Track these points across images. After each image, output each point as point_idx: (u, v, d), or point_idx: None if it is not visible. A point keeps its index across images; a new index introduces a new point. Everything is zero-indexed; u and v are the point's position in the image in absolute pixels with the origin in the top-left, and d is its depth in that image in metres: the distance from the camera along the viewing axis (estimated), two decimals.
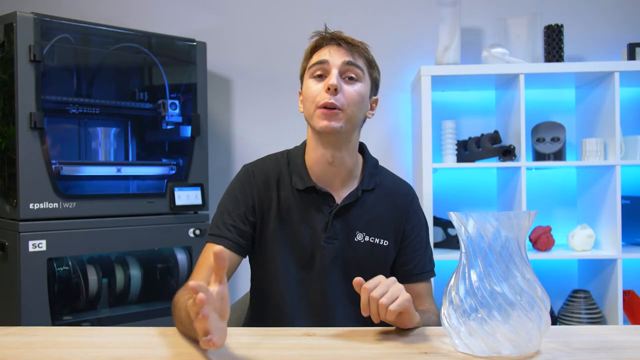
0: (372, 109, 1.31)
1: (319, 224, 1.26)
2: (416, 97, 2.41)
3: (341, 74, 1.22)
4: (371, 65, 1.28)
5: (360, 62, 1.24)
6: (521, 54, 2.40)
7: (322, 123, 1.20)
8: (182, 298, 1.07)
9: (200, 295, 0.80)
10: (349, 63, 1.22)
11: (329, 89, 1.19)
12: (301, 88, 1.31)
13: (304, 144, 1.34)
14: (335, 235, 1.26)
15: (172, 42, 2.37)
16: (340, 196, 1.28)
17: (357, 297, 1.03)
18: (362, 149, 1.36)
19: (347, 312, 1.27)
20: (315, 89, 1.22)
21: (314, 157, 1.28)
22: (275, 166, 1.31)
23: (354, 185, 1.30)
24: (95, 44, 2.25)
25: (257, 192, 1.27)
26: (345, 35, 1.26)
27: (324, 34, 1.27)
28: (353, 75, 1.23)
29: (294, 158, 1.32)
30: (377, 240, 1.29)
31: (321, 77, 1.23)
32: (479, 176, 2.61)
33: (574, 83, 2.50)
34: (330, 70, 1.22)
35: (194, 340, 1.01)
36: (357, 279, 1.01)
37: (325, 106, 1.19)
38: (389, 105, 2.64)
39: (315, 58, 1.24)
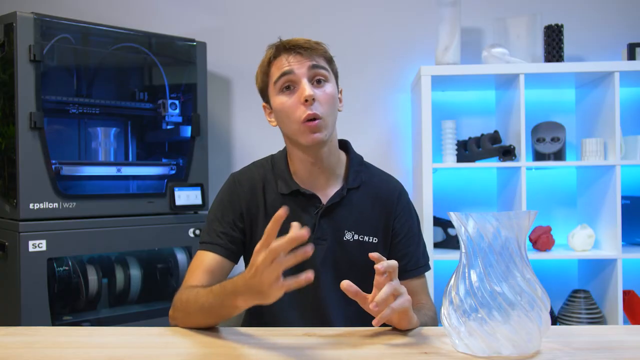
0: (340, 101, 1.29)
1: (307, 226, 1.26)
2: (416, 97, 2.41)
3: (309, 79, 1.20)
4: (331, 61, 1.26)
5: (323, 63, 1.23)
6: (521, 54, 2.40)
7: (309, 137, 1.20)
8: (198, 292, 1.08)
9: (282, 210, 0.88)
10: (314, 67, 1.20)
11: (306, 100, 1.18)
12: (265, 102, 1.30)
13: (285, 150, 1.34)
14: (323, 235, 1.26)
15: (172, 42, 2.37)
16: (326, 196, 1.28)
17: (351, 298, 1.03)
18: (346, 146, 1.35)
19: (341, 312, 1.26)
20: (290, 104, 1.20)
21: (297, 160, 1.28)
22: (260, 172, 1.32)
23: (339, 184, 1.30)
24: (95, 44, 2.25)
25: (245, 200, 1.29)
26: (299, 40, 1.23)
27: (278, 44, 1.24)
28: (321, 78, 1.22)
29: (277, 163, 1.33)
30: (366, 238, 1.29)
31: (289, 89, 1.21)
32: (479, 176, 2.61)
33: (574, 83, 2.50)
34: (299, 81, 1.20)
35: (212, 325, 1.05)
36: (346, 283, 0.97)
37: (308, 119, 1.18)
38: (389, 105, 2.64)
39: (277, 70, 1.22)
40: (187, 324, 1.10)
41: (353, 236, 1.28)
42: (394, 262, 0.99)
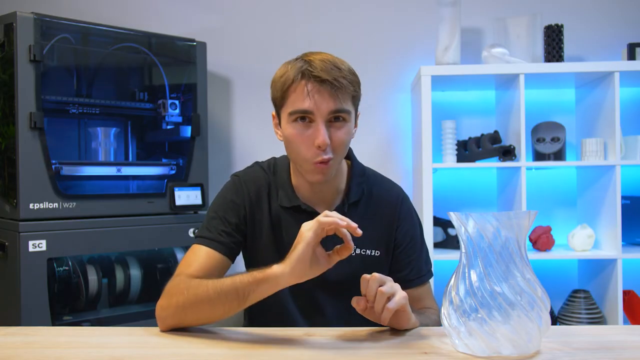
0: (355, 126, 1.23)
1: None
2: (416, 97, 2.41)
3: (327, 120, 1.13)
4: (357, 97, 1.19)
5: (347, 103, 1.14)
6: (521, 54, 2.40)
7: (315, 177, 1.16)
8: (200, 282, 1.07)
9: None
10: (336, 111, 1.13)
11: (319, 146, 1.12)
12: (275, 112, 1.23)
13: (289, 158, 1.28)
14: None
15: (172, 42, 2.37)
16: None
17: (353, 310, 1.03)
18: (349, 154, 1.31)
19: (344, 325, 1.25)
20: (302, 139, 1.14)
21: (300, 179, 1.25)
22: (265, 177, 1.28)
23: (339, 198, 1.27)
24: (95, 44, 2.25)
25: (249, 203, 1.25)
26: (327, 70, 1.11)
27: (304, 69, 1.12)
28: (340, 117, 1.14)
29: (280, 171, 1.28)
30: (368, 252, 1.26)
31: (304, 120, 1.14)
32: (479, 176, 2.61)
33: (574, 83, 2.50)
34: (316, 120, 1.12)
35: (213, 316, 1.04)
36: (354, 301, 1.03)
37: (318, 162, 1.14)
38: (389, 105, 2.64)
39: (297, 101, 1.12)
40: (183, 314, 1.05)
41: (355, 250, 1.24)
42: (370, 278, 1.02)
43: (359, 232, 0.99)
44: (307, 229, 0.99)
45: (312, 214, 1.22)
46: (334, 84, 1.11)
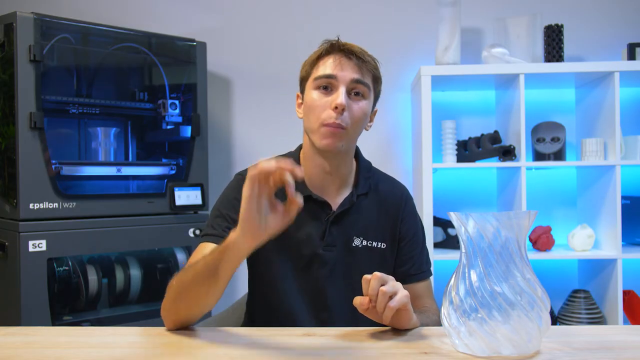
0: (371, 120, 1.30)
1: (316, 232, 1.26)
2: (416, 97, 2.41)
3: (348, 90, 1.20)
4: (377, 81, 1.27)
5: (368, 79, 1.23)
6: (521, 54, 2.40)
7: (325, 141, 1.20)
8: (190, 264, 1.07)
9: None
10: (357, 81, 1.21)
11: (336, 107, 1.18)
12: (300, 92, 1.30)
13: (299, 149, 1.33)
14: (333, 242, 1.26)
15: (172, 42, 2.37)
16: (335, 203, 1.28)
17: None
18: (356, 152, 1.35)
19: (348, 319, 1.26)
20: (321, 103, 1.20)
21: (311, 165, 1.27)
22: None
23: (348, 190, 1.30)
24: (95, 44, 2.25)
25: None
26: (356, 47, 1.23)
27: (334, 42, 1.24)
28: (359, 92, 1.22)
29: None
30: (374, 244, 1.29)
31: (327, 89, 1.21)
32: (479, 176, 2.61)
33: (574, 83, 2.50)
34: (338, 87, 1.20)
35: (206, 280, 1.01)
36: (358, 301, 1.01)
37: (331, 125, 1.19)
38: (389, 105, 2.64)
39: (322, 69, 1.22)
40: (176, 306, 1.05)
41: (362, 242, 1.28)
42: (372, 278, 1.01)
43: (300, 174, 0.90)
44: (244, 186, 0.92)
45: (322, 204, 1.26)
46: (360, 56, 1.22)
